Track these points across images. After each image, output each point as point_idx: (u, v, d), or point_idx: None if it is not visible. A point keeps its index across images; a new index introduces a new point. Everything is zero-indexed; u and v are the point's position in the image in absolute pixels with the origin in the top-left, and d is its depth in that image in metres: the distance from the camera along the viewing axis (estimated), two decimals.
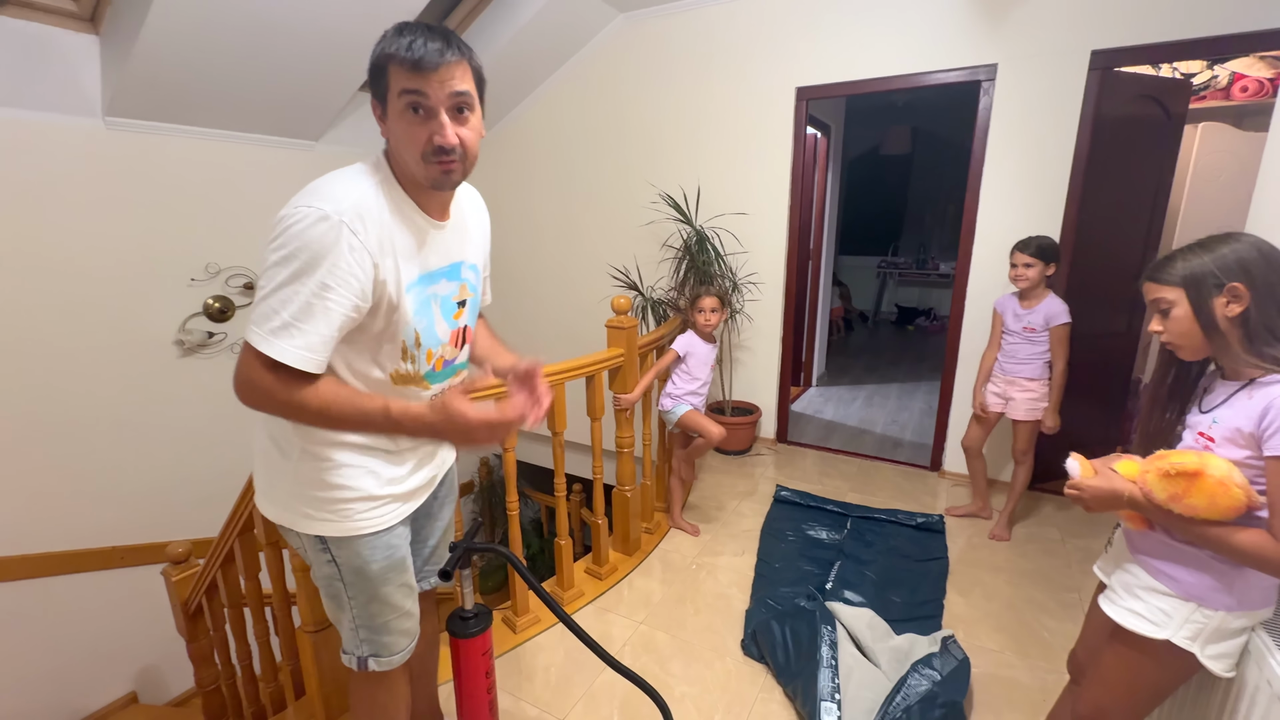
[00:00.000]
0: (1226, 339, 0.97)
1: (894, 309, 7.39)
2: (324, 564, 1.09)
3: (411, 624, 1.19)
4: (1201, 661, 1.00)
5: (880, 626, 1.88)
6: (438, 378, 1.09)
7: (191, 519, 2.94)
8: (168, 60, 2.38)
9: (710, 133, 3.41)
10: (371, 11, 2.63)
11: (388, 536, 1.10)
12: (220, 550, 1.78)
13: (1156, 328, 1.05)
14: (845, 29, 2.96)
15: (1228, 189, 3.26)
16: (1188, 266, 0.99)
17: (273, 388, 0.88)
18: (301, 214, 0.86)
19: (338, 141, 3.41)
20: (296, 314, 0.86)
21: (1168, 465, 0.94)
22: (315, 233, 0.86)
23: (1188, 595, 1.00)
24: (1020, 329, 2.39)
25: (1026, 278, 2.32)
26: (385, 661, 1.16)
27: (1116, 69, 2.54)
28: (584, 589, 2.20)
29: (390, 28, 0.91)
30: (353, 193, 0.90)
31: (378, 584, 1.10)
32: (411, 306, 0.98)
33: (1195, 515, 0.93)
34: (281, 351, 0.86)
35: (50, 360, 2.49)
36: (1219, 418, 0.99)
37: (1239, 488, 0.90)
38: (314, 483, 1.02)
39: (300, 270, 0.86)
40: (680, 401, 2.45)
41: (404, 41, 0.87)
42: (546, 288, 4.22)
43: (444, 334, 1.07)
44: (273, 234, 0.88)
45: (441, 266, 1.04)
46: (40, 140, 2.37)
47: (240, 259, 3.05)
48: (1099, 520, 2.69)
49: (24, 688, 2.52)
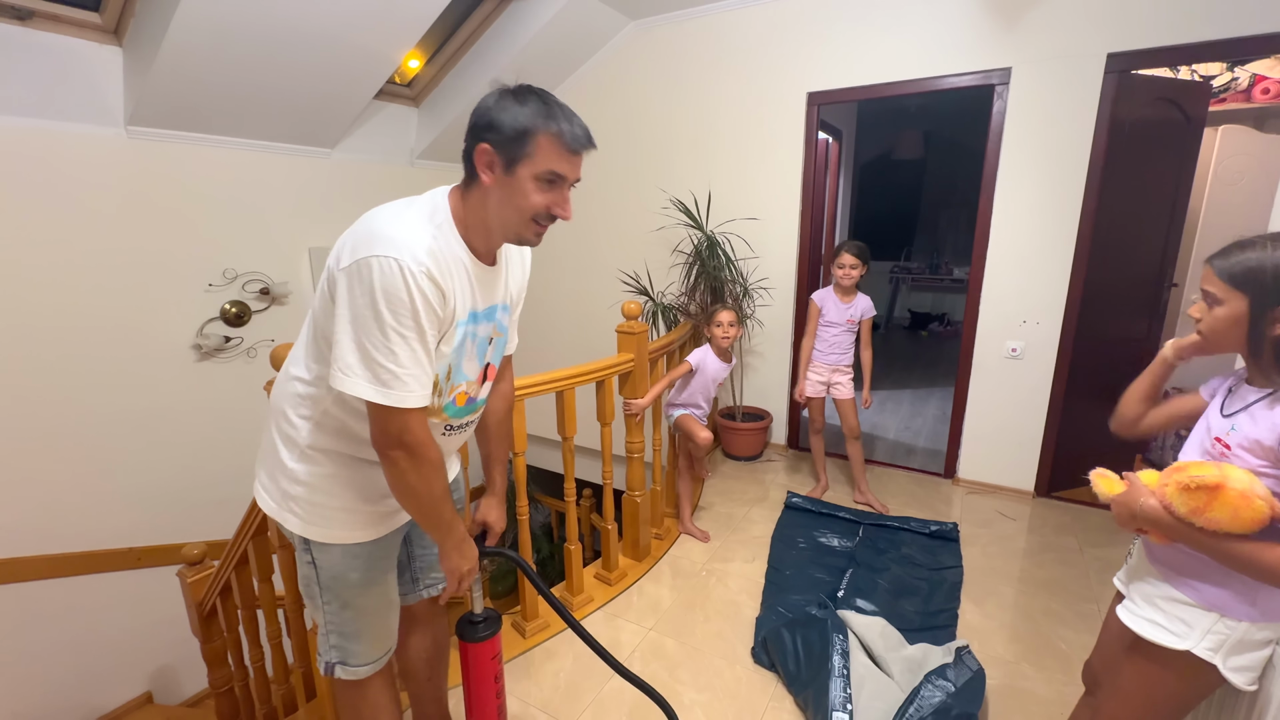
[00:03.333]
0: (1265, 357, 0.93)
1: (907, 314, 7.33)
2: (304, 564, 1.11)
3: (385, 636, 1.20)
4: (1223, 674, 0.97)
5: (893, 636, 1.85)
6: (458, 412, 1.11)
7: (207, 521, 2.97)
8: (188, 71, 2.43)
9: (721, 138, 3.41)
10: (385, 24, 2.67)
11: (371, 548, 1.11)
12: (235, 552, 1.80)
13: (1196, 315, 1.00)
14: (856, 33, 2.96)
15: (1249, 193, 3.21)
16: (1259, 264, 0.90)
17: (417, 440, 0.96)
18: (381, 265, 0.88)
19: (353, 149, 3.45)
20: (404, 363, 0.91)
21: (1187, 479, 0.91)
22: (399, 283, 0.88)
23: (1210, 605, 0.97)
24: (844, 321, 2.73)
25: (852, 276, 2.67)
26: (352, 671, 1.16)
27: (1133, 72, 2.51)
28: (593, 594, 2.19)
29: (517, 89, 0.96)
30: (423, 239, 0.93)
31: (354, 593, 1.11)
32: (453, 345, 1.02)
33: (1218, 529, 0.89)
34: (401, 400, 0.92)
35: (70, 364, 2.54)
36: (1238, 425, 0.96)
37: (1261, 499, 0.86)
38: (305, 484, 1.05)
39: (391, 321, 0.89)
40: (677, 408, 2.50)
41: (563, 125, 0.95)
42: (558, 292, 4.24)
43: (472, 372, 1.10)
44: (350, 278, 0.90)
45: (484, 309, 1.07)
46: (64, 149, 2.42)
47: (257, 265, 3.10)
48: (1118, 530, 2.63)
49: (42, 686, 2.56)
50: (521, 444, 1.87)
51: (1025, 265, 2.78)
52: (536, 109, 0.94)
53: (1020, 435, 2.93)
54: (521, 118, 0.93)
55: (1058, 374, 2.80)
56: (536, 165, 0.95)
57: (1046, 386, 2.83)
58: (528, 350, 4.33)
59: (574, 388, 1.98)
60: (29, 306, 2.41)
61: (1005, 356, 2.89)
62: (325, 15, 2.49)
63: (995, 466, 3.02)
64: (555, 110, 0.95)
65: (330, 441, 1.04)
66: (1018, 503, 2.91)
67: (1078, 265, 2.68)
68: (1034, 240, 2.75)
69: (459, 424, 1.13)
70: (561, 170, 0.96)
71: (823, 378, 2.82)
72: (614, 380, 2.17)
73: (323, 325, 0.98)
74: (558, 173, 0.96)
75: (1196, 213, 3.24)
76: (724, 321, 2.43)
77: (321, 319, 0.98)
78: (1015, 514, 2.79)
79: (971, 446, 3.06)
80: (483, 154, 0.95)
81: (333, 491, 1.05)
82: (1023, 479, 2.96)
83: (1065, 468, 2.91)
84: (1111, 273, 2.74)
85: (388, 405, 0.91)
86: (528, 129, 0.93)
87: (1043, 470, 2.91)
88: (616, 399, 2.20)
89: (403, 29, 2.76)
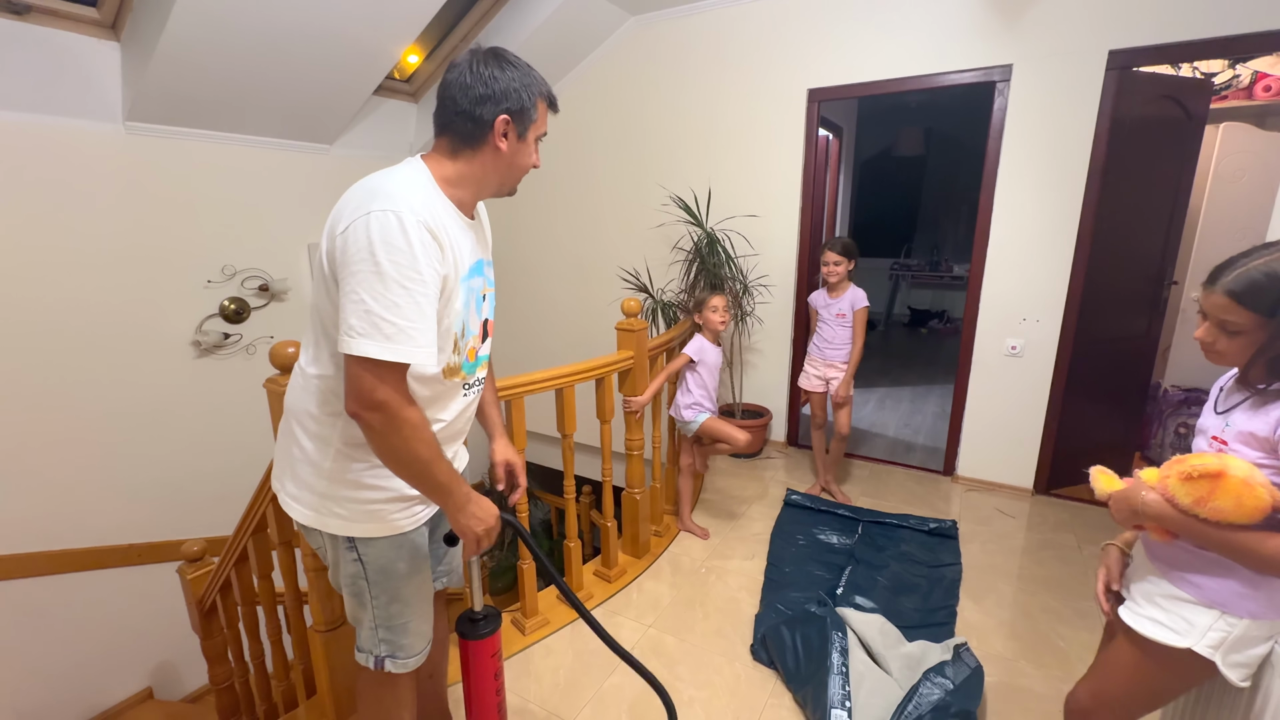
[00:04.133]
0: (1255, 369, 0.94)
1: (907, 311, 7.33)
2: (350, 563, 1.10)
3: (428, 626, 1.21)
4: (1221, 671, 0.97)
5: (892, 633, 1.86)
6: (470, 368, 1.12)
7: (207, 518, 2.98)
8: (186, 66, 2.42)
9: (721, 135, 3.40)
10: (384, 19, 2.66)
11: (414, 536, 1.13)
12: (234, 549, 1.80)
13: (1207, 338, 0.98)
14: (857, 30, 2.95)
15: (1250, 191, 3.20)
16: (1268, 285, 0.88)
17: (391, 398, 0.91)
18: (380, 219, 0.88)
19: (352, 145, 3.44)
20: (409, 316, 0.89)
21: (1189, 468, 0.91)
22: (399, 234, 0.88)
23: (1210, 602, 0.97)
24: (833, 316, 2.76)
25: (836, 273, 2.70)
26: (402, 663, 1.17)
27: (1135, 69, 2.50)
28: (593, 591, 2.20)
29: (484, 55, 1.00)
30: (418, 193, 0.95)
31: (401, 584, 1.12)
32: (461, 298, 1.03)
33: (1222, 519, 0.89)
34: (409, 355, 0.90)
35: (69, 360, 2.54)
36: (1232, 421, 0.97)
37: (1263, 487, 0.87)
38: (348, 483, 1.04)
39: (393, 273, 0.88)
40: (701, 410, 2.47)
41: (547, 88, 1.06)
42: (557, 289, 4.23)
43: (476, 326, 1.11)
44: (349, 238, 0.89)
45: (474, 263, 1.08)
46: (63, 144, 2.42)
47: (256, 261, 3.09)
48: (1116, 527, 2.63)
49: (44, 681, 2.57)
50: (521, 441, 1.87)
51: (1025, 263, 2.78)
52: (525, 76, 1.01)
53: (1019, 433, 2.93)
54: (519, 84, 1.00)
55: (1057, 371, 2.80)
56: (539, 128, 1.06)
57: (1046, 384, 2.83)
58: (527, 347, 4.35)
59: (574, 385, 1.98)
60: (27, 302, 2.41)
61: (1005, 354, 2.89)
62: (324, 10, 2.48)
63: (994, 464, 3.03)
64: (535, 73, 1.04)
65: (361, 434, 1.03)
66: (1017, 500, 2.91)
67: (1078, 263, 2.68)
68: (1034, 237, 2.75)
69: (474, 380, 1.15)
70: (545, 131, 1.08)
71: (819, 372, 2.84)
72: (614, 378, 2.17)
73: (325, 311, 0.97)
74: (545, 133, 1.08)
75: (1197, 211, 3.23)
76: (719, 306, 2.44)
77: (325, 304, 0.97)
78: (1014, 511, 2.80)
79: (971, 444, 3.07)
80: (503, 125, 1.00)
81: (371, 485, 1.05)
82: (1022, 476, 2.97)
83: (1064, 465, 2.91)
84: (1111, 270, 2.74)
85: (384, 360, 0.88)
86: (530, 96, 1.01)
87: (1042, 468, 2.92)
88: (616, 396, 2.20)
89: (402, 24, 2.75)
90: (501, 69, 0.99)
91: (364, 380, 0.90)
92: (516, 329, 4.34)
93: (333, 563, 1.14)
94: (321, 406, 1.03)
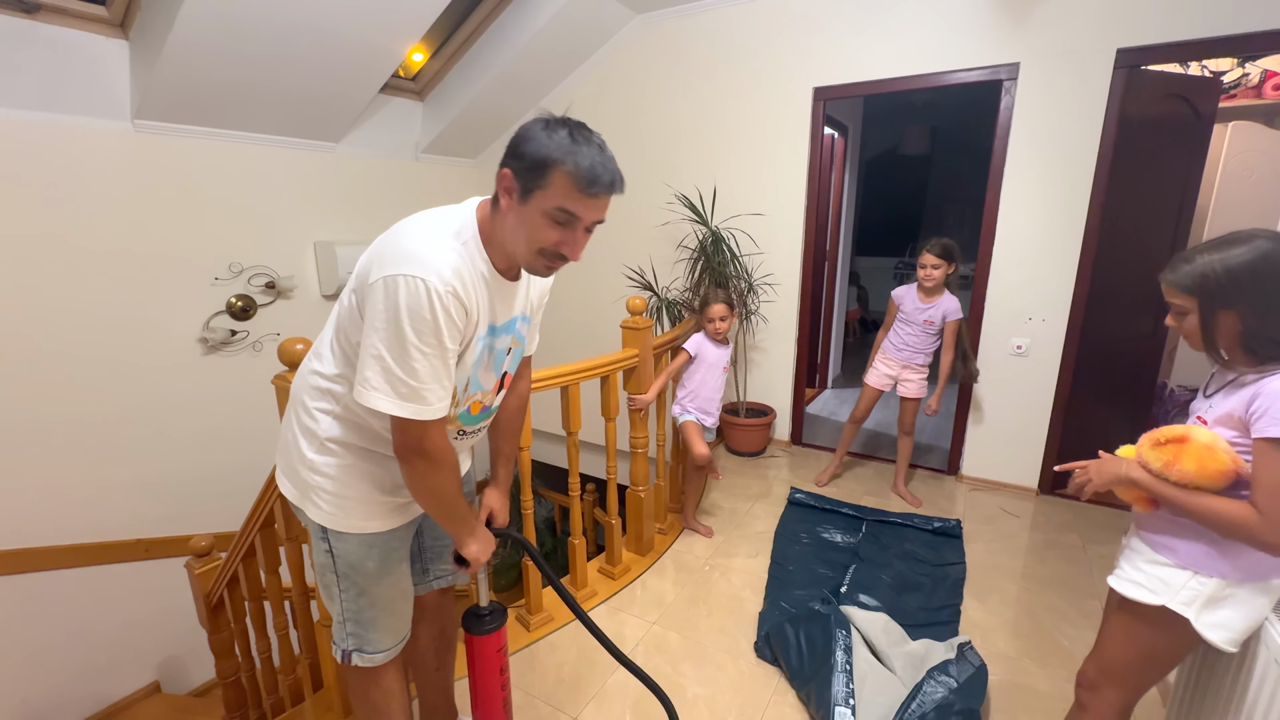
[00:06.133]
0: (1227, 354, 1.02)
1: None
2: (322, 553, 1.14)
3: (400, 625, 1.22)
4: (1196, 628, 1.04)
5: (896, 631, 1.86)
6: (472, 420, 1.14)
7: (214, 513, 3.00)
8: (194, 65, 2.43)
9: (726, 133, 3.40)
10: (390, 17, 2.66)
11: (387, 538, 1.14)
12: (241, 544, 1.82)
13: (1171, 323, 1.10)
14: (863, 28, 2.94)
15: (1259, 189, 3.18)
16: (1200, 272, 1.01)
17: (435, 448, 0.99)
18: (407, 285, 0.89)
19: (358, 143, 3.45)
20: (423, 379, 0.93)
21: (1157, 434, 1.06)
22: (425, 304, 0.90)
23: (1184, 564, 1.06)
24: (921, 321, 2.64)
25: (933, 278, 2.57)
26: (368, 658, 1.18)
27: (1143, 67, 2.49)
28: (597, 588, 2.20)
29: (554, 119, 0.93)
30: (450, 258, 0.93)
31: (370, 582, 1.14)
32: (473, 357, 1.04)
33: (1188, 481, 1.00)
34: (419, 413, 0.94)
35: (77, 357, 2.56)
36: (1214, 403, 1.06)
37: (1224, 453, 0.98)
38: (324, 475, 1.07)
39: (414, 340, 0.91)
40: (683, 411, 2.46)
41: (583, 163, 0.90)
42: (563, 287, 4.21)
43: (489, 383, 1.13)
44: (376, 295, 0.91)
45: (506, 321, 1.09)
46: (71, 143, 2.43)
47: (262, 258, 3.11)
48: (1120, 526, 2.63)
49: (52, 674, 2.59)
50: (526, 439, 1.87)
51: (1031, 262, 2.77)
52: (562, 142, 0.90)
53: (1025, 432, 2.92)
54: (544, 148, 0.90)
55: (1063, 371, 2.79)
56: (548, 199, 0.92)
57: (1052, 383, 2.82)
58: None
59: (579, 383, 1.98)
60: (35, 299, 2.42)
61: (1010, 353, 2.88)
62: (330, 9, 2.49)
63: (999, 463, 3.02)
64: (581, 147, 0.91)
65: (348, 435, 1.07)
66: (1021, 499, 2.91)
67: (1084, 262, 2.67)
68: (1041, 237, 2.74)
69: (471, 430, 1.17)
70: (573, 209, 0.92)
71: (891, 371, 2.78)
72: (618, 375, 2.18)
73: (346, 329, 1.01)
74: (569, 211, 0.92)
75: (1205, 209, 3.21)
76: (715, 316, 2.37)
77: (346, 324, 1.01)
78: (1019, 511, 2.79)
79: (975, 443, 3.06)
80: (503, 179, 0.95)
81: (350, 482, 1.08)
82: (1027, 476, 2.96)
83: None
84: (1119, 270, 2.73)
85: (407, 418, 0.94)
86: (546, 161, 0.90)
87: (1047, 467, 2.91)
88: (621, 394, 2.20)
89: (408, 23, 2.75)
90: (545, 130, 0.91)
91: (411, 430, 0.96)
92: None
93: (313, 549, 1.17)
94: (314, 401, 1.07)
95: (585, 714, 1.68)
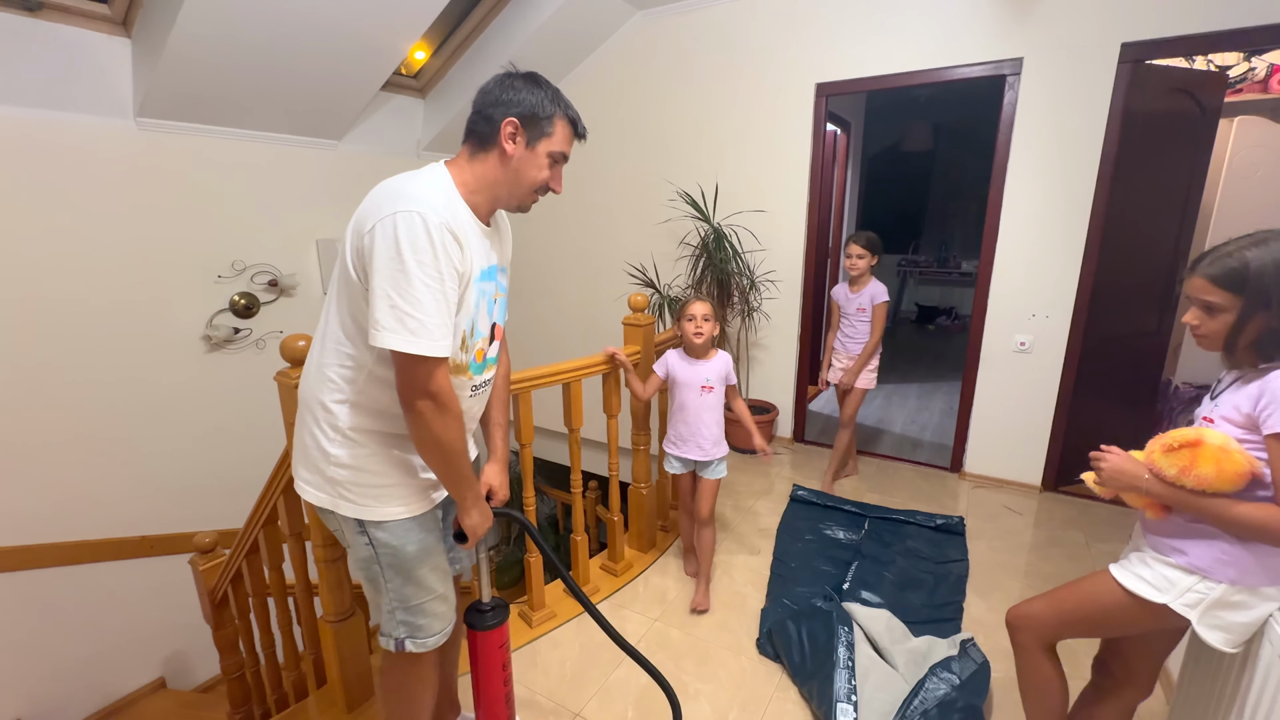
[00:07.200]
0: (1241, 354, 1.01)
1: (914, 308, 7.29)
2: (362, 546, 1.15)
3: (446, 607, 1.23)
4: (1197, 630, 1.04)
5: (898, 628, 1.86)
6: (477, 369, 1.17)
7: (218, 510, 3.01)
8: (196, 63, 2.44)
9: (728, 130, 3.39)
10: (392, 15, 2.66)
11: (422, 520, 1.16)
12: (245, 541, 1.82)
13: (1194, 321, 1.05)
14: (866, 23, 2.93)
15: (1265, 185, 3.16)
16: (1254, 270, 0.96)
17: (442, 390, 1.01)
18: (406, 219, 0.94)
19: (359, 141, 3.45)
20: (430, 311, 0.96)
21: (1169, 439, 1.01)
22: (423, 234, 0.95)
23: (1193, 568, 1.04)
24: (854, 310, 2.77)
25: (858, 266, 2.70)
26: (421, 643, 1.20)
27: (1148, 62, 2.47)
28: (599, 585, 2.21)
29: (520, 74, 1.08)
30: (439, 195, 1.02)
31: (413, 567, 1.15)
32: (473, 298, 1.09)
33: (1206, 486, 0.96)
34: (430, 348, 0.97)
35: (80, 355, 2.57)
36: (1220, 402, 1.04)
37: (1239, 453, 0.95)
38: (351, 467, 1.09)
39: (417, 271, 0.95)
40: (669, 447, 2.13)
41: (572, 113, 1.12)
42: (565, 284, 4.24)
43: (486, 329, 1.16)
44: (375, 238, 0.95)
45: (488, 267, 1.14)
46: (74, 140, 2.44)
47: (265, 256, 3.11)
48: (1124, 524, 2.63)
49: (57, 670, 2.61)
50: (529, 435, 1.88)
51: (1035, 258, 2.76)
52: (553, 95, 1.08)
53: (1028, 430, 2.92)
54: (545, 101, 1.07)
55: (1066, 368, 2.78)
56: (553, 144, 1.10)
57: (1055, 381, 2.81)
58: (534, 342, 4.36)
59: (580, 380, 1.98)
60: (39, 297, 2.43)
61: (1013, 350, 2.87)
62: (332, 6, 2.48)
63: (1002, 461, 3.01)
64: (563, 98, 1.10)
65: (369, 422, 1.09)
66: (1024, 497, 2.90)
67: (1088, 258, 2.66)
68: (1044, 233, 2.73)
69: (480, 382, 1.19)
70: (567, 151, 1.12)
71: (843, 365, 2.87)
72: (620, 372, 2.18)
73: (345, 301, 1.04)
74: (565, 154, 1.12)
75: (1210, 205, 3.19)
76: (696, 315, 1.97)
77: (344, 294, 1.04)
78: (1022, 508, 2.79)
79: (978, 441, 3.05)
80: (509, 125, 1.06)
81: (378, 470, 1.10)
82: (1030, 473, 2.96)
83: (1073, 462, 2.90)
84: (1122, 266, 2.71)
85: (415, 354, 0.96)
86: (551, 112, 1.07)
87: (1050, 465, 2.90)
88: (623, 391, 2.21)
89: (409, 20, 2.75)
90: (528, 85, 1.07)
91: (418, 372, 0.98)
92: (524, 323, 4.35)
93: (349, 547, 1.18)
94: (329, 395, 1.08)
95: (588, 710, 1.68)
